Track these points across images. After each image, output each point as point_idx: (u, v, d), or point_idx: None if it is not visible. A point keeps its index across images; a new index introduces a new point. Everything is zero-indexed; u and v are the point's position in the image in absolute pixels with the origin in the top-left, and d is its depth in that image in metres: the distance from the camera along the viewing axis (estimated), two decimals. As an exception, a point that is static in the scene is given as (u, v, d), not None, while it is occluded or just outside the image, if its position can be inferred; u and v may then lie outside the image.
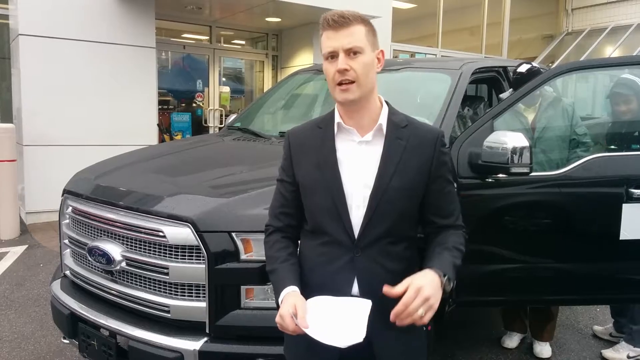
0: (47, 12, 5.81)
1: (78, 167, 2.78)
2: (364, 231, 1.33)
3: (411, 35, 9.75)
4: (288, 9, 7.13)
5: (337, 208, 1.33)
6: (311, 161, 1.39)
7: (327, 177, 1.35)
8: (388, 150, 1.34)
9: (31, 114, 5.79)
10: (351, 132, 1.37)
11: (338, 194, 1.33)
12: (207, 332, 1.94)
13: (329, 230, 1.36)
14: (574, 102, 2.97)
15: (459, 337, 3.24)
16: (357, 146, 1.36)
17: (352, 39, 1.28)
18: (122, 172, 2.55)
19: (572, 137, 2.81)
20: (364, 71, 1.29)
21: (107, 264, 2.11)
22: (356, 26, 1.29)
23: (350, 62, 1.28)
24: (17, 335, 3.21)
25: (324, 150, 1.37)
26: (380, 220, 1.33)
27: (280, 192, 1.47)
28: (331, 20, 1.28)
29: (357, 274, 1.34)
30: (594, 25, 11.07)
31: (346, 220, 1.33)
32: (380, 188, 1.32)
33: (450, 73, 2.91)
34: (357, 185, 1.34)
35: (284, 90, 3.78)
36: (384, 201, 1.32)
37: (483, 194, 2.47)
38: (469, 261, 2.41)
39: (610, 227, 2.42)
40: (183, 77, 8.54)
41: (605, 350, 3.07)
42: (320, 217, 1.37)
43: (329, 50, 1.30)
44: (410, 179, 1.34)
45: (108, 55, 6.21)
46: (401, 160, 1.34)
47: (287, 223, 1.46)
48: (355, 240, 1.34)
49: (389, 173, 1.33)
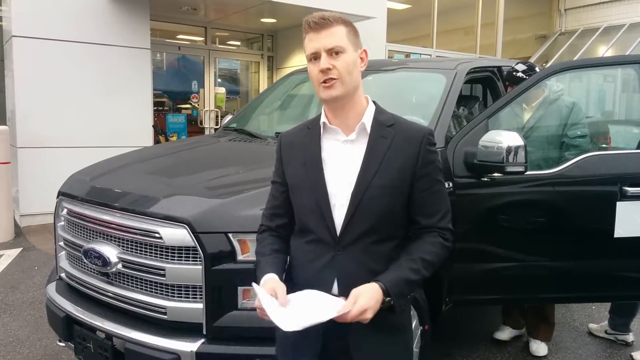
0: (40, 13, 5.77)
1: (73, 169, 2.77)
2: (346, 229, 1.33)
3: (406, 35, 9.77)
4: (283, 10, 7.13)
5: (320, 207, 1.35)
6: (298, 161, 1.41)
7: (311, 176, 1.37)
8: (371, 148, 1.35)
9: (25, 116, 5.76)
10: (336, 132, 1.38)
11: (321, 193, 1.35)
12: (204, 334, 1.93)
13: (313, 228, 1.38)
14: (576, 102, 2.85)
15: (456, 336, 3.25)
16: (341, 145, 1.38)
17: (333, 39, 1.30)
18: (117, 173, 2.54)
19: (563, 140, 2.77)
20: (347, 69, 1.30)
21: (103, 266, 2.10)
22: (337, 27, 1.31)
23: (332, 61, 1.30)
24: (12, 338, 3.19)
25: (310, 150, 1.40)
26: (362, 218, 1.33)
27: (272, 193, 1.51)
28: (312, 22, 1.31)
29: (337, 272, 1.34)
30: (587, 25, 11.13)
31: (329, 218, 1.34)
32: (362, 185, 1.32)
33: (445, 73, 2.92)
34: (340, 184, 1.35)
35: (279, 91, 3.78)
36: (366, 199, 1.32)
37: (479, 193, 2.48)
38: (464, 260, 2.46)
39: (605, 225, 2.43)
40: (178, 78, 8.52)
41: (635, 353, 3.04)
42: (305, 215, 1.40)
43: (311, 52, 1.32)
44: (393, 177, 1.33)
45: (103, 56, 6.19)
46: (384, 158, 1.34)
47: (278, 223, 1.49)
48: (337, 238, 1.34)
49: (371, 171, 1.33)
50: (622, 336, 3.20)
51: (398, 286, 1.29)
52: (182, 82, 8.48)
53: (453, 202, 2.32)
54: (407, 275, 1.31)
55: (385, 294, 1.26)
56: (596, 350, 3.15)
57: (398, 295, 1.29)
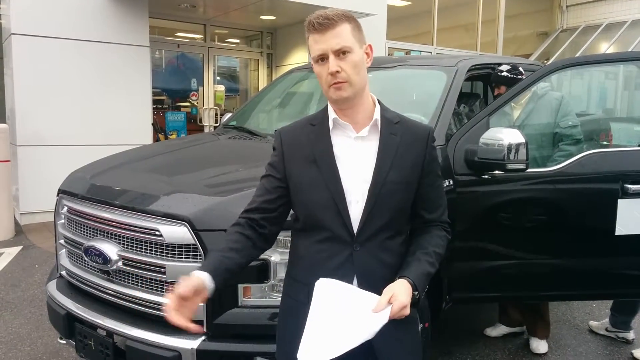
0: (39, 11, 5.76)
1: (72, 167, 2.76)
2: (364, 225, 1.34)
3: (406, 32, 9.75)
4: (282, 7, 7.11)
5: (335, 203, 1.34)
6: (305, 158, 1.38)
7: (324, 173, 1.35)
8: (384, 145, 1.36)
9: (25, 114, 5.75)
10: (347, 128, 1.38)
11: (337, 189, 1.34)
12: (204, 331, 1.93)
13: (328, 225, 1.35)
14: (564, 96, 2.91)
15: (456, 334, 3.25)
16: (353, 142, 1.37)
17: (339, 39, 1.28)
18: (117, 171, 2.53)
19: (556, 131, 2.81)
20: (355, 70, 1.31)
21: (103, 264, 2.10)
22: (341, 25, 1.29)
23: (340, 63, 1.29)
24: (13, 336, 3.20)
25: (319, 146, 1.37)
26: (379, 214, 1.34)
27: (264, 187, 1.43)
28: (316, 23, 1.29)
29: (357, 269, 1.35)
30: (588, 22, 11.10)
31: (345, 215, 1.34)
32: (379, 182, 1.34)
33: (445, 70, 2.91)
34: (355, 181, 1.35)
35: (279, 88, 3.78)
36: (383, 195, 1.34)
37: (479, 191, 2.48)
38: (465, 258, 2.45)
39: (606, 223, 2.43)
40: (177, 76, 8.52)
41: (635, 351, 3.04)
42: (318, 213, 1.36)
43: (318, 54, 1.31)
44: (406, 173, 1.37)
45: (102, 54, 6.18)
46: (397, 154, 1.36)
47: (264, 217, 1.41)
48: (354, 235, 1.35)
49: (386, 167, 1.35)
50: (622, 334, 3.20)
51: (422, 280, 1.33)
52: (181, 80, 8.47)
53: (454, 200, 2.36)
54: (427, 269, 1.36)
55: (414, 288, 1.30)
56: (596, 347, 3.15)
57: (422, 289, 1.33)
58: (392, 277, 1.32)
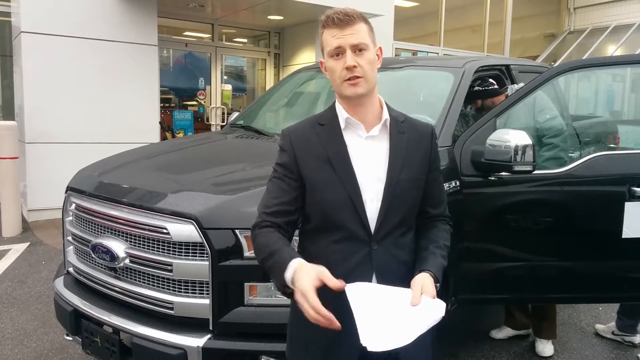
0: (49, 9, 5.81)
1: (80, 164, 2.78)
2: (381, 224, 1.36)
3: (413, 33, 9.74)
4: (290, 7, 7.12)
5: (352, 202, 1.34)
6: (317, 157, 1.37)
7: (339, 172, 1.35)
8: (395, 144, 1.39)
9: (33, 112, 5.80)
10: (358, 127, 1.38)
11: (353, 189, 1.35)
12: (210, 329, 1.94)
13: (346, 225, 1.35)
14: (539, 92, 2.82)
15: (462, 336, 3.25)
16: (364, 141, 1.38)
17: (358, 35, 1.31)
18: (125, 169, 2.55)
19: (536, 127, 2.80)
20: (370, 67, 1.33)
21: (110, 261, 2.12)
22: (360, 24, 1.33)
23: (357, 58, 1.31)
24: (19, 332, 3.22)
25: (333, 146, 1.37)
26: (394, 212, 1.37)
27: (280, 188, 1.39)
28: (336, 18, 1.31)
29: (375, 267, 1.36)
30: (596, 24, 11.04)
31: (363, 214, 1.35)
32: (393, 180, 1.36)
33: (453, 71, 2.91)
34: (369, 179, 1.36)
35: (286, 88, 3.78)
36: (397, 193, 1.36)
37: (486, 192, 2.47)
38: (471, 259, 2.45)
39: (613, 226, 2.42)
40: (185, 75, 8.55)
41: None
42: (334, 212, 1.35)
43: (335, 46, 1.31)
44: (416, 170, 1.40)
45: (110, 53, 6.22)
46: (406, 153, 1.39)
47: (287, 220, 1.38)
48: (372, 233, 1.36)
49: (398, 166, 1.37)
50: (629, 337, 3.18)
51: (440, 273, 1.37)
52: (188, 79, 8.50)
53: (460, 201, 2.37)
54: (442, 262, 1.40)
55: (435, 280, 1.33)
56: (603, 351, 3.13)
57: (440, 282, 1.36)
58: (406, 273, 1.35)
